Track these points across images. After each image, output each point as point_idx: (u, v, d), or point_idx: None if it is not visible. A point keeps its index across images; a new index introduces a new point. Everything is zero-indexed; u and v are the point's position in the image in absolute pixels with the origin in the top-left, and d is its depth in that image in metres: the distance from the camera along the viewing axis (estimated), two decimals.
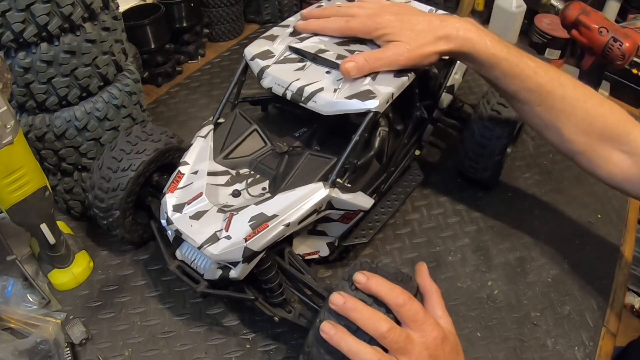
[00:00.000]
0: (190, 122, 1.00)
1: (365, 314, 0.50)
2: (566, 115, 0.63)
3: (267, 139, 0.70)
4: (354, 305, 0.50)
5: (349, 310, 0.50)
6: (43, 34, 0.62)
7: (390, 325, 0.49)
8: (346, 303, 0.50)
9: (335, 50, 0.67)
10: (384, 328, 0.49)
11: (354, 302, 0.50)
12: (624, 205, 0.87)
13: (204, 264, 0.62)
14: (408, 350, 0.49)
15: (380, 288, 0.51)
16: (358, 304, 0.50)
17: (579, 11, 0.87)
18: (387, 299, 0.51)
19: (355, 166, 0.66)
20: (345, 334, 0.50)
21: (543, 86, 0.63)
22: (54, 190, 0.77)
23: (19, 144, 0.56)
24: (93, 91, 0.71)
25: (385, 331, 0.49)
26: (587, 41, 0.87)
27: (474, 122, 0.80)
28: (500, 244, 0.80)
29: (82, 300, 0.72)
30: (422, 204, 0.86)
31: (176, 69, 1.10)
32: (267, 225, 0.59)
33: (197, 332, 0.69)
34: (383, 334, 0.49)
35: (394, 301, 0.50)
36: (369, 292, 0.51)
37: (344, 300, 0.50)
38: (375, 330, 0.49)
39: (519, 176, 0.91)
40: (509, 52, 0.63)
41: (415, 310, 0.50)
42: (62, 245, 0.71)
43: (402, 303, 0.50)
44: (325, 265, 0.76)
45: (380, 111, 0.63)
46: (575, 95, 0.63)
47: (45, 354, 0.64)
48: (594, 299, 0.73)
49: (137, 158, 0.68)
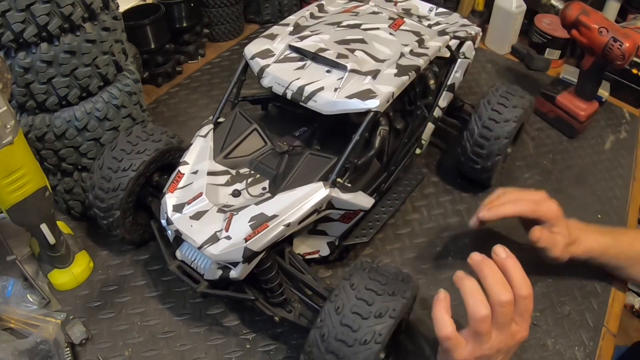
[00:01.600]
0: (190, 122, 1.00)
1: (497, 277, 0.52)
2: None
3: (267, 138, 0.70)
4: (491, 264, 0.53)
5: (485, 266, 0.53)
6: (43, 34, 0.62)
7: (512, 299, 0.51)
8: (484, 260, 0.54)
9: (336, 49, 0.67)
10: (505, 298, 0.51)
11: (491, 262, 0.53)
12: (624, 205, 0.87)
13: (204, 264, 0.62)
14: (505, 330, 0.52)
15: (514, 272, 0.53)
16: (495, 266, 0.53)
17: (579, 11, 0.87)
18: (515, 284, 0.52)
19: (355, 166, 0.66)
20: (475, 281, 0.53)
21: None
22: (54, 190, 0.77)
23: (19, 144, 0.56)
24: (93, 91, 0.71)
25: (504, 300, 0.51)
26: (587, 41, 0.87)
27: (474, 122, 0.80)
28: (500, 244, 0.79)
29: (82, 300, 0.72)
30: (422, 204, 0.86)
31: (176, 69, 1.10)
32: (267, 225, 0.59)
33: (197, 332, 0.69)
34: (502, 302, 0.51)
35: (519, 289, 0.52)
36: (503, 269, 0.53)
37: (482, 257, 0.54)
38: (497, 296, 0.51)
39: (519, 176, 0.91)
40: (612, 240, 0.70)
41: (529, 308, 0.53)
42: (62, 245, 0.71)
43: (524, 295, 0.52)
44: (325, 265, 0.76)
45: (381, 111, 0.63)
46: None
47: (45, 354, 0.64)
48: (594, 299, 0.73)
49: (138, 158, 0.68)
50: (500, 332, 0.52)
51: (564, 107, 0.97)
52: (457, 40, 0.83)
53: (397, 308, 0.53)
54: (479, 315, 0.51)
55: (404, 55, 0.69)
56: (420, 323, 0.70)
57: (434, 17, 0.90)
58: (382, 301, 0.53)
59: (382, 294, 0.54)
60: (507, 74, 1.13)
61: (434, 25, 0.85)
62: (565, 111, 0.97)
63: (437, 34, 0.77)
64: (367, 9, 0.81)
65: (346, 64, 0.65)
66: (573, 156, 0.95)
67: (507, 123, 0.77)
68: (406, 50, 0.70)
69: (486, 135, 0.78)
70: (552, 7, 0.98)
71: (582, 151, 0.96)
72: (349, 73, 0.64)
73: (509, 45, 1.18)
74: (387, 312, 0.53)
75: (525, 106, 0.79)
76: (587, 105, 0.95)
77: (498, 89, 0.81)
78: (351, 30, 0.73)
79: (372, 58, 0.68)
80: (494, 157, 0.79)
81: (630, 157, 0.95)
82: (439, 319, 0.52)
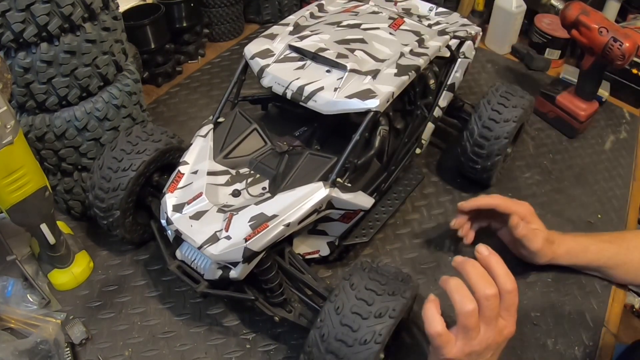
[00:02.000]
0: (190, 122, 1.00)
1: (480, 273, 0.53)
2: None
3: (267, 138, 0.70)
4: (473, 262, 0.54)
5: (467, 264, 0.54)
6: (43, 34, 0.62)
7: (496, 292, 0.52)
8: (466, 260, 0.54)
9: (336, 49, 0.67)
10: (490, 291, 0.52)
11: (473, 261, 0.54)
12: (624, 205, 0.87)
13: (204, 264, 0.62)
14: (492, 325, 0.52)
15: (498, 268, 0.54)
16: (477, 264, 0.54)
17: (579, 11, 0.87)
18: (499, 279, 0.53)
19: (355, 166, 0.66)
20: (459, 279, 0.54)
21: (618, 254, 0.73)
22: (54, 190, 0.77)
23: (19, 144, 0.56)
24: (93, 91, 0.71)
25: (489, 294, 0.52)
26: (587, 41, 0.87)
27: (474, 122, 0.80)
28: (500, 244, 0.79)
29: (82, 300, 0.72)
30: (422, 204, 0.86)
31: (176, 69, 1.10)
32: (267, 225, 0.59)
33: (197, 332, 0.69)
34: (487, 295, 0.52)
35: (504, 284, 0.53)
36: (487, 267, 0.54)
37: (464, 258, 0.55)
38: (482, 290, 0.52)
39: (519, 176, 0.91)
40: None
41: (514, 302, 0.54)
42: (62, 245, 0.71)
43: (510, 289, 0.53)
44: (325, 265, 0.76)
45: (381, 110, 0.63)
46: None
47: (45, 354, 0.64)
48: (594, 299, 0.73)
49: (138, 158, 0.68)
50: (488, 327, 0.52)
51: (564, 107, 0.97)
52: (457, 40, 0.83)
53: (397, 308, 0.53)
54: (465, 309, 0.52)
55: (404, 55, 0.69)
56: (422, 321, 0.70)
57: (434, 16, 0.90)
58: (382, 301, 0.53)
59: (382, 294, 0.54)
60: (507, 74, 1.13)
61: (434, 25, 0.85)
62: (565, 111, 0.97)
63: (437, 33, 0.77)
64: (367, 9, 0.81)
65: (346, 64, 0.65)
66: (573, 156, 0.95)
67: (507, 123, 0.77)
68: (406, 50, 0.70)
69: (486, 135, 0.78)
70: (552, 7, 0.98)
71: (582, 151, 0.96)
72: (348, 73, 0.64)
73: (509, 45, 1.18)
74: (387, 312, 0.53)
75: (525, 106, 0.79)
76: (587, 105, 0.95)
77: (498, 89, 0.81)
78: (351, 30, 0.73)
79: (372, 58, 0.68)
80: (494, 157, 0.79)
81: (630, 157, 0.95)
82: (429, 317, 0.53)
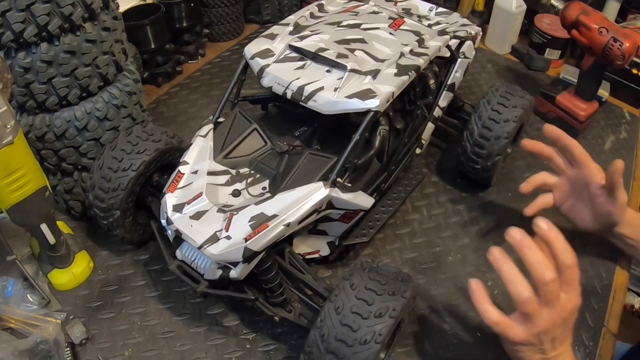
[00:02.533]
0: (190, 122, 1.00)
1: (538, 257, 0.51)
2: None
3: (267, 138, 0.70)
4: (531, 244, 0.52)
5: (525, 247, 0.52)
6: (43, 34, 0.62)
7: (555, 277, 0.51)
8: (524, 240, 0.52)
9: (336, 49, 0.67)
10: (549, 277, 0.50)
11: (531, 242, 0.52)
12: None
13: (204, 264, 0.62)
14: (554, 305, 0.52)
15: (557, 242, 0.52)
16: (535, 245, 0.52)
17: (579, 11, 0.87)
18: (558, 255, 0.52)
19: (355, 165, 0.66)
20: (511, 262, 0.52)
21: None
22: (54, 190, 0.77)
23: (19, 144, 0.56)
24: (93, 91, 0.71)
25: (548, 280, 0.50)
26: (587, 41, 0.87)
27: (474, 122, 0.80)
28: (500, 244, 0.79)
29: (82, 300, 0.72)
30: (422, 203, 0.86)
31: (176, 69, 1.10)
32: (267, 225, 0.59)
33: (197, 332, 0.69)
34: (546, 281, 0.50)
35: (563, 259, 0.52)
36: (546, 240, 0.53)
37: (522, 236, 0.52)
38: (541, 275, 0.51)
39: (519, 176, 0.91)
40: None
41: (576, 276, 0.52)
42: (62, 245, 0.71)
43: (570, 264, 0.52)
44: (325, 265, 0.76)
45: (381, 110, 0.63)
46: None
47: (45, 354, 0.64)
48: (594, 299, 0.73)
49: (138, 158, 0.68)
50: (551, 308, 0.52)
51: (564, 107, 0.97)
52: (457, 40, 0.83)
53: (397, 308, 0.53)
54: (521, 298, 0.51)
55: (404, 54, 0.69)
56: (422, 321, 0.70)
57: (434, 16, 0.90)
58: (382, 301, 0.53)
59: (382, 294, 0.54)
60: (507, 74, 1.13)
61: (434, 25, 0.85)
62: (565, 111, 0.97)
63: (437, 33, 0.77)
64: (367, 9, 0.81)
65: (346, 64, 0.65)
66: None
67: (507, 123, 0.77)
68: (406, 50, 0.70)
69: (486, 135, 0.78)
70: (552, 7, 0.98)
71: None
72: (348, 73, 0.64)
73: (509, 45, 1.18)
74: (387, 312, 0.53)
75: (525, 106, 0.79)
76: (587, 105, 0.95)
77: (498, 89, 0.81)
78: (351, 30, 0.73)
79: (372, 58, 0.68)
80: (494, 157, 0.79)
81: (630, 157, 0.95)
82: (481, 309, 0.53)
